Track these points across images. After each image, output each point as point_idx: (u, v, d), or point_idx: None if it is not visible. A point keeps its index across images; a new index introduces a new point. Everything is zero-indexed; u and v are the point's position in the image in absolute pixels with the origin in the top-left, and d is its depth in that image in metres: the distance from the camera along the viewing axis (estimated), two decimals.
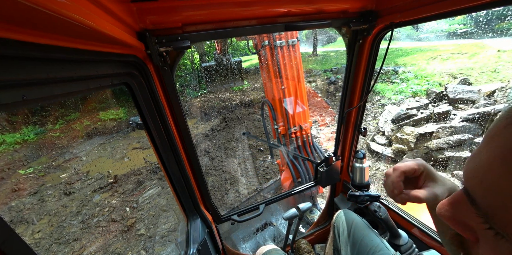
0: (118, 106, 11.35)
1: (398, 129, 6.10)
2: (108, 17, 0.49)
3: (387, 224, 1.24)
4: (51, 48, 0.39)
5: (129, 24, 0.69)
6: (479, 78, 7.64)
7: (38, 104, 0.41)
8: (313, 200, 3.17)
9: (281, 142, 3.04)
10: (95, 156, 7.65)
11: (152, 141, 1.00)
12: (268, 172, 5.70)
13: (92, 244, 4.17)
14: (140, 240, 4.15)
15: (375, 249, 1.07)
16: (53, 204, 5.45)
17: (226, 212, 1.48)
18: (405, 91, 8.46)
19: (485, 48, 9.57)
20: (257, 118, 8.99)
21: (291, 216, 1.40)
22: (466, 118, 5.43)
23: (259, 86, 12.41)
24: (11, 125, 9.21)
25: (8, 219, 4.97)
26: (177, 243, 1.34)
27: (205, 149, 7.09)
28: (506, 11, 10.86)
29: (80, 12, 0.33)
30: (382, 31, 1.09)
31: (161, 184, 5.68)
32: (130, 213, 4.84)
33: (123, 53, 0.71)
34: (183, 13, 0.80)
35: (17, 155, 7.72)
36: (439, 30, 16.28)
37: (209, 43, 13.56)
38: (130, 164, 6.82)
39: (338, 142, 1.59)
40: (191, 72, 14.02)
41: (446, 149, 5.07)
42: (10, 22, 0.29)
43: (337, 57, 15.53)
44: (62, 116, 10.22)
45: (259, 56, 2.90)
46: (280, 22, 0.97)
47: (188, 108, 10.98)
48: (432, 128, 5.54)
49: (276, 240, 2.58)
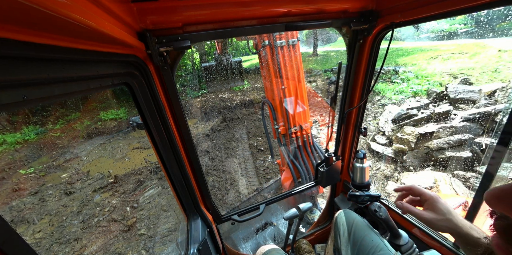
0: (118, 106, 11.36)
1: (398, 129, 6.10)
2: (108, 17, 0.49)
3: (388, 224, 1.24)
4: (52, 48, 0.39)
5: (130, 24, 0.69)
6: (479, 78, 7.62)
7: (38, 104, 0.42)
8: (313, 200, 3.17)
9: (282, 142, 3.04)
10: (95, 156, 7.65)
11: (152, 141, 1.00)
12: (268, 172, 5.69)
13: (92, 244, 4.18)
14: (141, 240, 4.15)
15: (375, 249, 1.07)
16: (54, 204, 5.46)
17: (227, 212, 1.48)
18: (406, 91, 8.45)
19: (486, 48, 9.55)
20: (257, 118, 8.99)
21: (291, 216, 1.40)
22: (466, 118, 5.42)
23: (259, 86, 12.41)
24: (12, 125, 9.23)
25: (9, 219, 4.98)
26: (178, 243, 1.34)
27: (206, 149, 7.09)
28: (507, 11, 10.83)
29: (80, 12, 0.33)
30: (383, 31, 1.09)
31: (162, 184, 5.69)
32: (130, 213, 4.84)
33: (124, 53, 0.71)
34: (183, 13, 0.80)
35: (18, 155, 7.73)
36: (440, 30, 16.26)
37: (210, 43, 13.56)
38: (130, 164, 6.82)
39: (338, 142, 1.59)
40: (191, 72, 14.03)
41: (447, 149, 5.06)
42: (11, 22, 0.29)
43: (337, 57, 15.52)
44: (63, 116, 10.24)
45: (260, 56, 2.90)
46: (281, 22, 0.97)
47: (188, 108, 10.99)
48: (432, 128, 5.53)
49: (276, 240, 2.58)
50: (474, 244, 0.60)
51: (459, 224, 0.63)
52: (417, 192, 0.72)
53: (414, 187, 0.73)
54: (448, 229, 0.65)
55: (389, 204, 1.44)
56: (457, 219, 0.65)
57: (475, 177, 4.33)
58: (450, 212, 0.66)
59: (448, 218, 0.65)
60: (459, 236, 0.64)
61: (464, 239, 0.63)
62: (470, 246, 0.62)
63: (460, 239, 0.65)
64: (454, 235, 0.65)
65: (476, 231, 0.62)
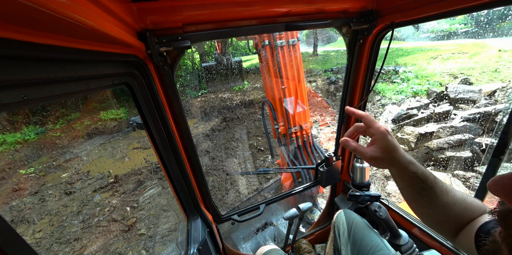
0: (118, 106, 11.36)
1: (398, 129, 6.10)
2: (108, 17, 0.49)
3: (388, 224, 1.24)
4: (52, 48, 0.39)
5: (130, 24, 0.69)
6: (480, 78, 7.62)
7: (38, 104, 0.42)
8: (313, 200, 3.17)
9: (282, 142, 3.04)
10: (95, 156, 7.65)
11: (152, 141, 1.00)
12: None
13: (93, 244, 4.18)
14: (141, 240, 4.15)
15: (375, 249, 1.07)
16: (54, 203, 5.46)
17: (227, 212, 1.48)
18: (406, 91, 8.45)
19: (486, 47, 9.54)
20: (257, 118, 8.99)
21: (291, 216, 1.40)
22: (466, 118, 5.43)
23: (259, 86, 12.41)
24: (12, 125, 9.23)
25: (9, 219, 4.98)
26: (178, 243, 1.35)
27: (206, 149, 7.09)
28: (507, 11, 10.83)
29: (80, 12, 0.33)
30: (383, 31, 1.09)
31: (162, 184, 5.69)
32: (130, 213, 4.84)
33: (124, 53, 0.71)
34: (183, 13, 0.80)
35: (18, 155, 7.73)
36: (440, 30, 16.25)
37: (210, 43, 13.56)
38: (130, 164, 6.82)
39: (338, 142, 1.59)
40: (191, 72, 14.03)
41: (447, 149, 5.06)
42: (11, 22, 0.29)
43: (337, 57, 15.51)
44: (63, 116, 10.23)
45: (260, 56, 2.90)
46: (281, 22, 0.97)
47: (188, 108, 10.99)
48: (432, 128, 5.53)
49: (276, 240, 2.58)
50: (409, 177, 0.64)
51: (401, 160, 0.64)
52: (368, 124, 0.68)
53: (367, 118, 0.68)
54: (388, 166, 0.66)
55: (389, 204, 1.44)
56: (400, 155, 0.65)
57: (475, 177, 4.33)
58: (396, 148, 0.65)
59: (391, 156, 0.64)
60: (398, 170, 0.66)
61: (402, 173, 0.65)
62: (405, 179, 0.66)
63: (397, 173, 0.67)
64: (393, 170, 0.67)
65: (414, 165, 0.65)
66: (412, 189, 0.65)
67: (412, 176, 0.64)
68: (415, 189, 0.65)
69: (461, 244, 0.63)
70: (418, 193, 0.65)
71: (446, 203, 0.63)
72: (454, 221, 0.64)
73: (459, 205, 0.63)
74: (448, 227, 0.66)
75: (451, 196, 0.63)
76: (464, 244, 0.62)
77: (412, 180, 0.64)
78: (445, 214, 0.64)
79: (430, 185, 0.63)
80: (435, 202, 0.63)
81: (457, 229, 0.64)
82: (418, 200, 0.66)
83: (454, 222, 0.64)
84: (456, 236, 0.64)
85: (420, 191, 0.64)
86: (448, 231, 0.66)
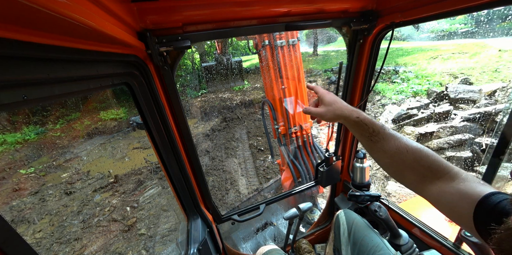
0: (118, 106, 11.35)
1: (398, 129, 6.10)
2: (108, 17, 0.49)
3: (388, 224, 1.24)
4: (52, 48, 0.39)
5: (130, 24, 0.69)
6: (480, 77, 7.62)
7: (38, 104, 0.42)
8: (313, 200, 3.18)
9: (282, 142, 3.04)
10: (95, 156, 7.65)
11: (152, 141, 1.00)
12: (268, 172, 5.69)
13: (93, 244, 4.18)
14: (141, 240, 4.15)
15: (375, 249, 1.07)
16: (54, 203, 5.46)
17: (227, 212, 1.48)
18: (406, 91, 8.45)
19: (486, 47, 9.54)
20: (257, 118, 8.98)
21: (291, 216, 1.40)
22: (467, 118, 5.43)
23: (259, 86, 12.41)
24: (12, 124, 9.23)
25: (9, 219, 4.98)
26: (178, 242, 1.35)
27: (206, 149, 7.09)
28: (507, 11, 10.82)
29: (80, 12, 0.33)
30: (383, 31, 1.09)
31: (162, 184, 5.69)
32: (130, 213, 4.84)
33: (124, 53, 0.71)
34: (183, 13, 0.80)
35: (18, 155, 7.73)
36: (440, 30, 16.24)
37: (210, 43, 13.55)
38: (130, 164, 6.82)
39: (338, 142, 1.59)
40: (191, 72, 14.03)
41: (447, 149, 5.06)
42: (11, 22, 0.29)
43: (337, 57, 15.51)
44: (63, 116, 10.23)
45: (260, 56, 2.90)
46: (281, 22, 0.97)
47: (188, 108, 10.99)
48: (432, 128, 5.53)
49: (276, 240, 2.58)
50: (355, 124, 0.73)
51: (344, 109, 0.75)
52: (315, 91, 0.85)
53: (315, 88, 0.85)
54: (335, 117, 0.76)
55: (389, 204, 1.44)
56: (342, 105, 0.76)
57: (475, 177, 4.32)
58: (336, 101, 0.77)
59: (334, 107, 0.76)
60: (344, 119, 0.75)
61: (348, 120, 0.74)
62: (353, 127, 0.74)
63: (345, 121, 0.76)
64: (341, 120, 0.76)
65: (357, 112, 0.74)
66: (364, 137, 0.72)
67: (356, 121, 0.72)
68: (365, 136, 0.71)
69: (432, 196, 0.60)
70: (369, 140, 0.71)
71: (398, 149, 0.65)
72: (413, 170, 0.63)
73: (413, 153, 0.63)
74: (410, 178, 0.65)
75: (402, 142, 0.66)
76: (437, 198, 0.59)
77: (360, 127, 0.72)
78: (401, 162, 0.65)
79: (377, 131, 0.69)
80: (388, 148, 0.67)
81: (420, 180, 0.62)
82: (373, 147, 0.71)
83: (413, 171, 0.63)
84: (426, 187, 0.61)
85: (370, 137, 0.70)
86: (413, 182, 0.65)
